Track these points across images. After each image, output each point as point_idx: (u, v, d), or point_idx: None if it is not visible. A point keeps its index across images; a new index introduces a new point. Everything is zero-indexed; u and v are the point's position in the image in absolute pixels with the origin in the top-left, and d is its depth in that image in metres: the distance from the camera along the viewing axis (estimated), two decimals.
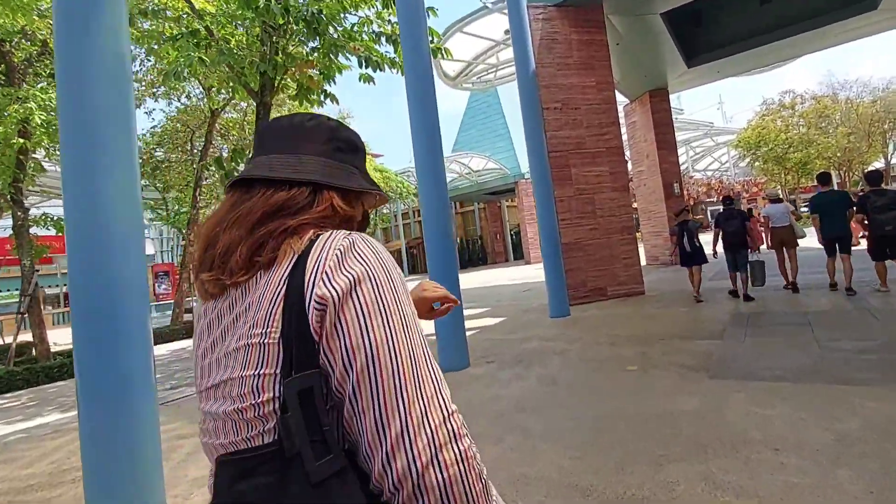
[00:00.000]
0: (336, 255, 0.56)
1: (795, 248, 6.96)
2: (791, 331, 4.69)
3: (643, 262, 14.67)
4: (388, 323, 0.54)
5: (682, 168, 41.25)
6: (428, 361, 0.56)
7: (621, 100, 14.69)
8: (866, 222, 5.96)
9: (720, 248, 6.98)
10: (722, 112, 47.93)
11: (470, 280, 18.53)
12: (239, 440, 0.56)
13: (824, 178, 6.83)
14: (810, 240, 7.95)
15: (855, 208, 6.17)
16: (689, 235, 7.08)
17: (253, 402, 0.54)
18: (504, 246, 31.89)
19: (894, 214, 5.61)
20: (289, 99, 7.50)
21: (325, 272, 0.54)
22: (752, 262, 6.62)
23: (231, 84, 6.53)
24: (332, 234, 0.59)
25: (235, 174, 1.07)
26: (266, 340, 0.54)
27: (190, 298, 12.78)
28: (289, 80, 6.47)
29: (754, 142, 31.42)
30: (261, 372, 0.54)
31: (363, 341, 0.52)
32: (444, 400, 0.54)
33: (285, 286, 0.55)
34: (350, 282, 0.54)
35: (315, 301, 0.53)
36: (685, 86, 14.33)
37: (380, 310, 0.54)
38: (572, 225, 7.98)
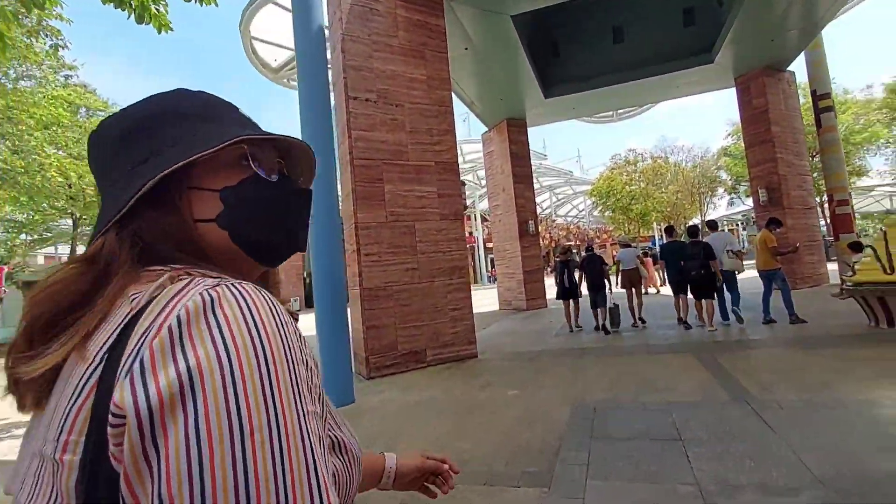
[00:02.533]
0: (172, 324, 0.32)
1: (640, 287, 7.98)
2: (655, 456, 2.78)
3: (496, 306, 13.31)
4: (250, 453, 0.29)
5: (546, 212, 43.63)
6: None
7: (481, 127, 13.47)
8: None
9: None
10: (580, 164, 52.48)
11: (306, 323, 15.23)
12: None
13: (670, 230, 7.81)
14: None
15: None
16: (569, 273, 7.71)
17: None
18: None
19: (699, 262, 6.62)
20: None
21: (141, 360, 0.30)
22: (610, 307, 7.34)
23: None
24: (189, 281, 0.35)
25: None
26: (58, 455, 0.31)
27: None
28: None
29: (605, 192, 34.22)
30: None
31: (191, 493, 0.28)
32: None
33: (102, 365, 0.32)
34: (180, 380, 0.30)
35: (111, 412, 0.30)
36: (543, 119, 13.59)
37: (233, 431, 0.29)
38: (381, 263, 5.62)
